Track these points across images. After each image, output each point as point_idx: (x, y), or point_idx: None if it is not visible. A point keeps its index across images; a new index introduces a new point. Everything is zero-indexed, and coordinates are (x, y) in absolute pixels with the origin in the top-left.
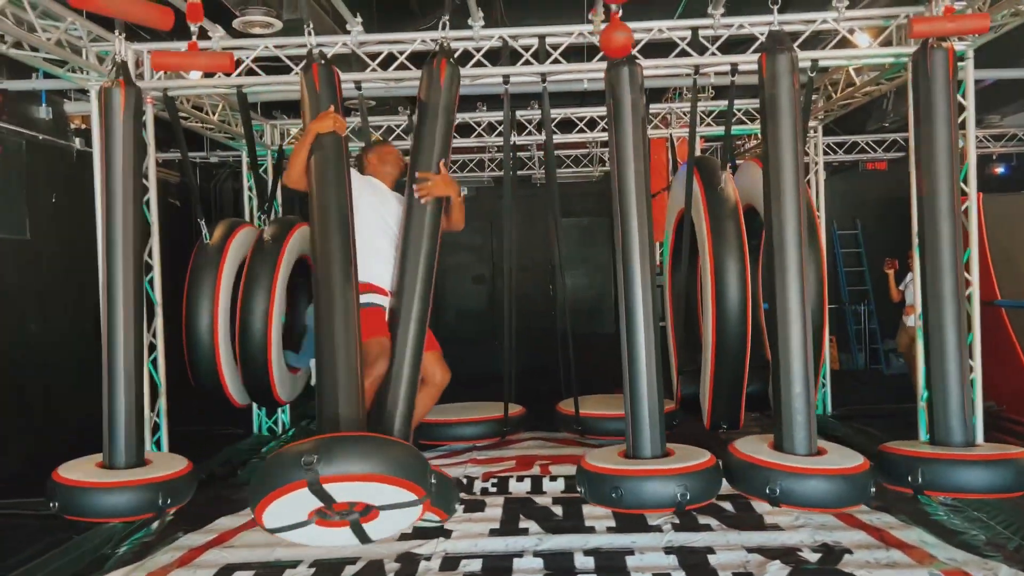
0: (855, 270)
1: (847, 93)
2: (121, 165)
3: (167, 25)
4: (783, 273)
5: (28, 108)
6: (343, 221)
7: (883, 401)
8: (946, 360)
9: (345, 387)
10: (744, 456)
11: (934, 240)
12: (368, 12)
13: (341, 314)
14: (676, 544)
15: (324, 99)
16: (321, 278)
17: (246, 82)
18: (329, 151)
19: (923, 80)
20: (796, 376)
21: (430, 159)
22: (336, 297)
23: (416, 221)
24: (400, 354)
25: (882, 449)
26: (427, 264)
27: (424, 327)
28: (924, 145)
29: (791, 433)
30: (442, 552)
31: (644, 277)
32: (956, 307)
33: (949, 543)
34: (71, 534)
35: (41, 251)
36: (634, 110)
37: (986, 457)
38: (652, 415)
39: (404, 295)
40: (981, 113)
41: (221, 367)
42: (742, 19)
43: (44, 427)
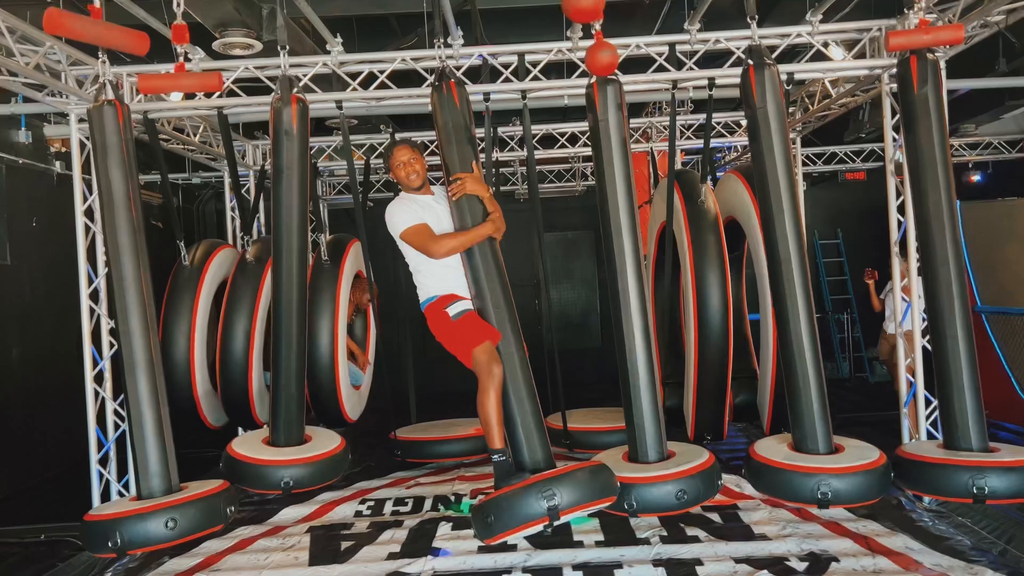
0: (837, 279)
1: (824, 105)
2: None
3: (143, 51)
4: (789, 284)
5: (7, 132)
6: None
7: (868, 409)
8: (961, 365)
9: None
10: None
11: (934, 248)
12: (349, 32)
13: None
14: (664, 556)
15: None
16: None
17: (227, 103)
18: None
19: (913, 90)
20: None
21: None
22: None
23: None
24: (511, 370)
25: (900, 454)
26: (500, 277)
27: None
28: (918, 155)
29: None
30: (431, 570)
31: (637, 288)
32: (964, 313)
33: (934, 549)
34: (55, 561)
35: (22, 275)
36: (616, 127)
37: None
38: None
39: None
40: (956, 122)
41: (196, 389)
42: (718, 34)
43: (27, 452)
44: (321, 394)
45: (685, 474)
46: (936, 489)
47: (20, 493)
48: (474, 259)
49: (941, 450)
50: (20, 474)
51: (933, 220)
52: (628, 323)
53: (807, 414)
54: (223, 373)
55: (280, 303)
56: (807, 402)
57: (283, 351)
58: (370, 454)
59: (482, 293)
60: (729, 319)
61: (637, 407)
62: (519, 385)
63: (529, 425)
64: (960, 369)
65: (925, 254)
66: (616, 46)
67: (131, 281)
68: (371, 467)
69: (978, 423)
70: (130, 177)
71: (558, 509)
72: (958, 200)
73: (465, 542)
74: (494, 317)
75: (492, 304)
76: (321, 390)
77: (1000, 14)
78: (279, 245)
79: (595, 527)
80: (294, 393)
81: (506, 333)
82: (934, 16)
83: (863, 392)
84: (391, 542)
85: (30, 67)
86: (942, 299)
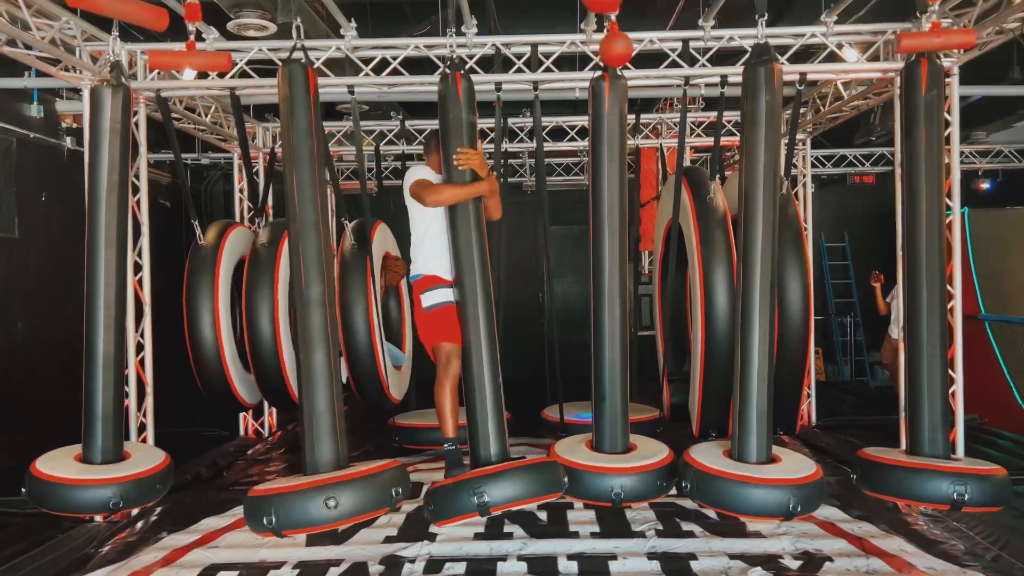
0: (842, 282)
1: (835, 107)
2: (107, 163)
3: (162, 26)
4: (749, 279)
5: (19, 106)
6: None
7: (868, 412)
8: (926, 372)
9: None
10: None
11: (918, 254)
12: (363, 17)
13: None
14: (659, 550)
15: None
16: (468, 317)
17: (239, 84)
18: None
19: (911, 94)
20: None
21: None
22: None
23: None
24: (477, 364)
25: (860, 454)
26: (481, 257)
27: (493, 331)
28: (910, 159)
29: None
30: (426, 555)
31: (620, 284)
32: (939, 320)
33: (929, 552)
34: (55, 532)
35: (30, 250)
36: (620, 121)
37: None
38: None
39: (467, 297)
40: (967, 129)
41: (227, 368)
42: (732, 31)
43: (31, 426)
44: (363, 377)
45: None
46: (902, 493)
47: (24, 465)
48: (458, 241)
49: (904, 455)
50: (24, 446)
51: (920, 225)
52: (606, 317)
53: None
54: (254, 353)
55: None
56: (748, 410)
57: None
58: (369, 438)
59: (460, 282)
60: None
61: (609, 398)
62: (482, 379)
63: (485, 418)
64: (932, 376)
65: (909, 258)
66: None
67: (106, 262)
68: (370, 451)
69: (943, 431)
70: (125, 159)
71: (488, 506)
72: (966, 207)
73: (461, 528)
74: (468, 310)
75: (467, 295)
76: (363, 373)
77: (1015, 21)
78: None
79: (591, 518)
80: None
81: (477, 325)
82: (949, 21)
83: (863, 396)
84: (388, 526)
85: (45, 41)
86: (920, 304)
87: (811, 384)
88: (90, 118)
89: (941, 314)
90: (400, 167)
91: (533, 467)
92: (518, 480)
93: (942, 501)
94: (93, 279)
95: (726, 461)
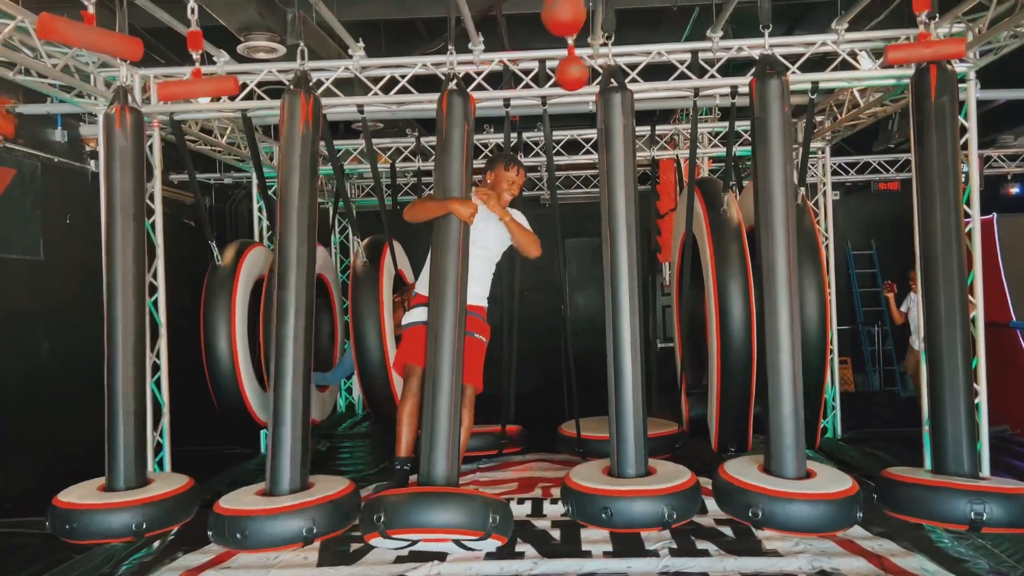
0: (870, 290)
1: (852, 114)
2: (121, 187)
3: (136, 56)
4: (772, 296)
5: (44, 131)
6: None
7: (895, 424)
8: (947, 388)
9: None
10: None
11: (934, 264)
12: (376, 36)
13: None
14: (672, 569)
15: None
16: (433, 335)
17: (250, 106)
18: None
19: (921, 102)
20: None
21: (457, 183)
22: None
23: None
24: (436, 387)
25: (884, 474)
26: (457, 278)
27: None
28: (923, 167)
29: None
30: (436, 575)
31: (631, 298)
32: (960, 332)
33: (950, 571)
34: (71, 554)
35: (55, 272)
36: (624, 135)
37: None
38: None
39: (434, 317)
40: (994, 133)
41: (243, 386)
42: (740, 42)
43: (55, 448)
44: (375, 393)
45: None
46: (925, 514)
47: (44, 486)
48: (434, 259)
49: (930, 474)
50: (46, 467)
51: (935, 234)
52: (619, 335)
53: (779, 435)
54: (270, 372)
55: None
56: (779, 423)
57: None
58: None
59: (431, 301)
60: (752, 328)
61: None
62: (439, 402)
63: (434, 441)
64: (956, 391)
65: (925, 269)
66: (636, 52)
67: (123, 288)
68: (387, 469)
69: (968, 448)
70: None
71: (385, 529)
72: (995, 213)
73: None
74: (431, 330)
75: (434, 315)
76: (373, 388)
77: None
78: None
79: (604, 537)
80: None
81: (440, 346)
82: (963, 26)
83: (892, 407)
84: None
85: (57, 69)
86: (939, 317)
87: (835, 396)
88: (104, 143)
89: (963, 326)
90: (418, 183)
91: (455, 500)
92: (429, 509)
93: (960, 521)
94: (112, 304)
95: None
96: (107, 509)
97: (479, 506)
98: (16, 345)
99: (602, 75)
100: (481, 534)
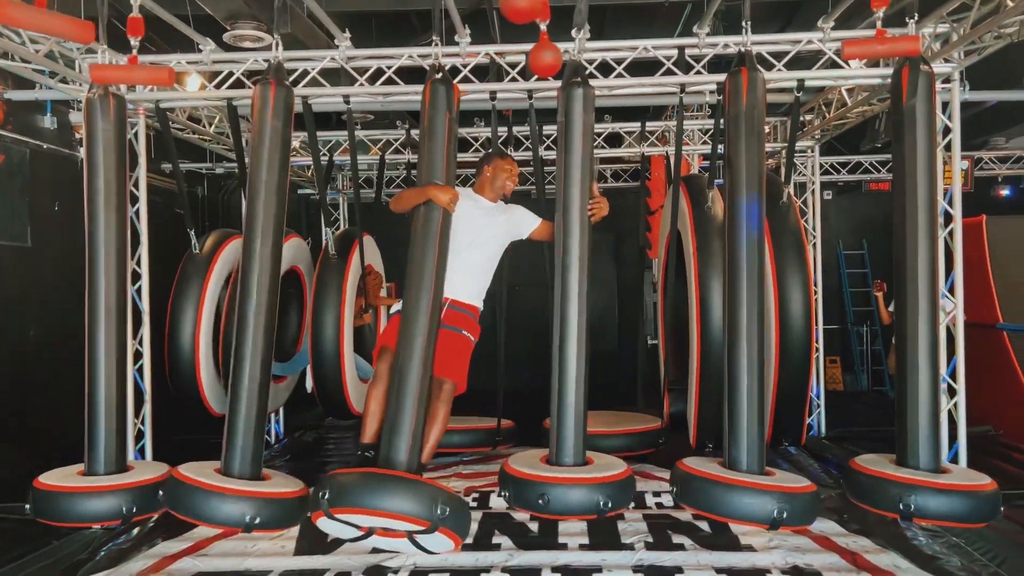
0: (861, 290)
1: (839, 113)
2: (104, 173)
3: (87, 39)
4: (736, 292)
5: (33, 118)
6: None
7: (881, 423)
8: (921, 385)
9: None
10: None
11: (903, 263)
12: (367, 28)
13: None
14: (646, 563)
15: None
16: (405, 319)
17: (236, 95)
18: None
19: (896, 102)
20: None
21: (439, 170)
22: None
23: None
24: (405, 370)
25: (851, 464)
26: (432, 268)
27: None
28: (897, 168)
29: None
30: (411, 566)
31: (580, 292)
32: (927, 330)
33: (923, 569)
34: (50, 539)
35: (43, 259)
36: (584, 130)
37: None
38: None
39: (406, 304)
40: (985, 135)
41: (200, 375)
42: (726, 38)
43: (41, 435)
44: (326, 385)
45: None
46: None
47: (31, 472)
48: (411, 247)
49: (891, 465)
50: (33, 453)
51: (905, 232)
52: (566, 329)
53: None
54: (227, 362)
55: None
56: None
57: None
58: None
59: (407, 288)
60: None
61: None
62: (405, 386)
63: (396, 425)
64: (919, 389)
65: (896, 269)
66: (623, 48)
67: (105, 274)
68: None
69: (931, 442)
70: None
71: (328, 507)
72: (985, 215)
73: None
74: (403, 316)
75: (406, 302)
76: (326, 382)
77: (1014, 24)
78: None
79: (581, 530)
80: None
81: (412, 331)
82: (947, 27)
83: (880, 406)
84: None
85: (40, 55)
86: (905, 315)
87: (820, 394)
88: (85, 127)
89: (929, 324)
90: (408, 176)
91: (403, 484)
92: (374, 490)
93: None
94: (94, 290)
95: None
96: (92, 492)
97: (427, 494)
98: (2, 332)
99: (566, 70)
100: (428, 525)
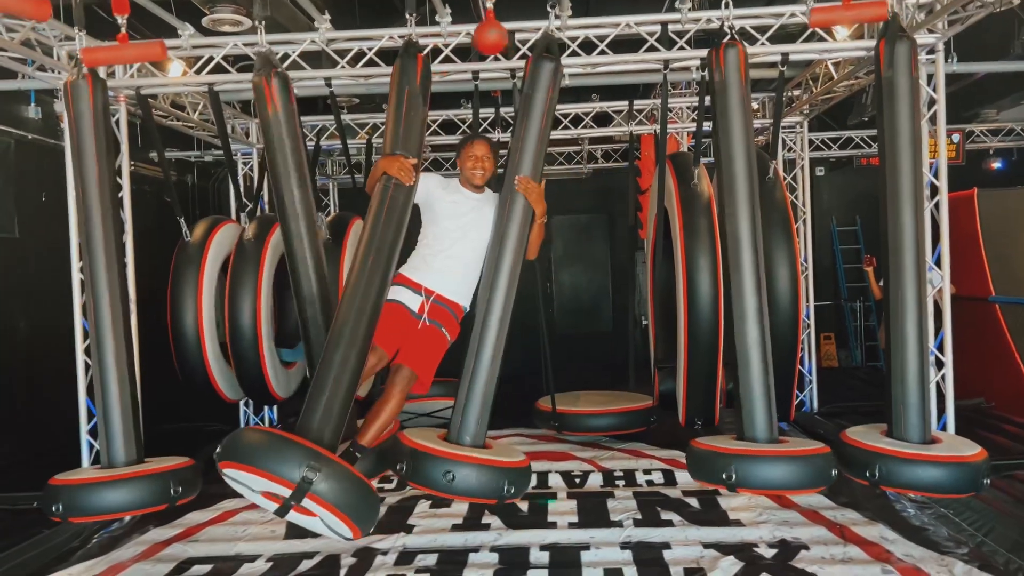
0: (854, 266)
1: (826, 87)
2: (92, 156)
3: (42, 16)
4: (737, 271)
5: (17, 108)
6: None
7: (875, 398)
8: (909, 356)
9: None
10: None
11: (892, 236)
12: (350, 10)
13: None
14: (634, 540)
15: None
16: (348, 295)
17: (218, 79)
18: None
19: (877, 74)
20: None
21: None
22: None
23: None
24: (335, 336)
25: (842, 437)
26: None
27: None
28: (881, 140)
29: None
30: (400, 547)
31: (513, 267)
32: (916, 301)
33: (910, 539)
34: (41, 528)
35: (30, 249)
36: (547, 107)
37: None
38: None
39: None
40: (976, 107)
41: (209, 363)
42: (709, 13)
43: (29, 425)
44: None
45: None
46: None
47: (21, 462)
48: (367, 218)
49: (884, 438)
50: (22, 443)
51: (893, 210)
52: (492, 304)
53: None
54: (234, 348)
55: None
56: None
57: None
58: None
59: (356, 264)
60: (720, 302)
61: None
62: (333, 353)
63: (312, 395)
64: (908, 360)
65: (885, 245)
66: (605, 24)
67: (101, 261)
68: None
69: (919, 414)
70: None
71: (217, 460)
72: (977, 188)
73: (440, 520)
74: (349, 293)
75: (352, 277)
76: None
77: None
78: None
79: (571, 508)
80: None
81: (352, 302)
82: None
83: (874, 382)
84: None
85: (16, 42)
86: (895, 290)
87: (812, 370)
88: (65, 111)
89: (916, 296)
90: None
91: (283, 444)
92: (256, 448)
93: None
94: (95, 280)
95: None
96: (136, 478)
97: (296, 455)
98: None
99: (537, 43)
100: (293, 487)
